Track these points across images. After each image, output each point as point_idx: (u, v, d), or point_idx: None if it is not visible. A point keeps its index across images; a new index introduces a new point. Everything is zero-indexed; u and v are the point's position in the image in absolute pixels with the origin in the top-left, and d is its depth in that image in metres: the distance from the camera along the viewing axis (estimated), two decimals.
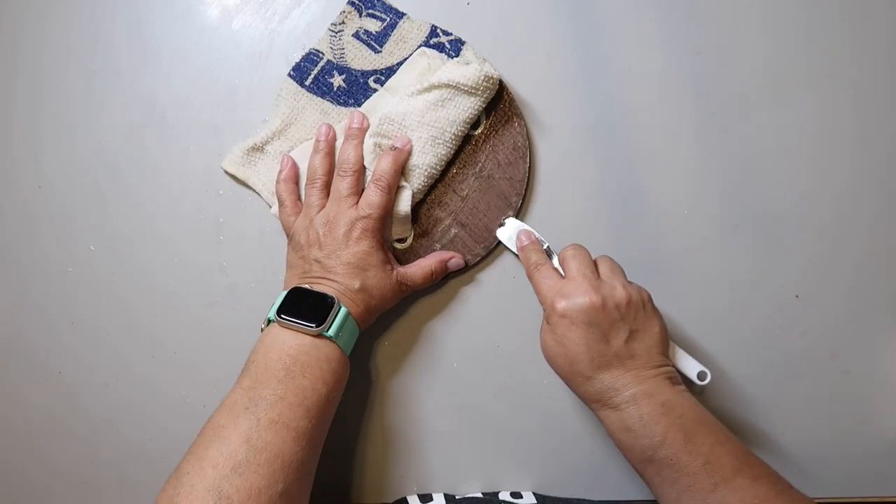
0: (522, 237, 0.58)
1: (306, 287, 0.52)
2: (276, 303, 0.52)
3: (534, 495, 0.57)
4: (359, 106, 0.61)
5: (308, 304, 0.51)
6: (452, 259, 0.59)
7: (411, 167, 0.58)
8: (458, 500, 0.57)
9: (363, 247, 0.54)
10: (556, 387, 0.59)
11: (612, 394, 0.49)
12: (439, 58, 0.60)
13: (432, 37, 0.61)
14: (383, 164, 0.56)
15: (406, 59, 0.61)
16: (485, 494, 0.57)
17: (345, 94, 0.61)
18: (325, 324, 0.50)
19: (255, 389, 0.47)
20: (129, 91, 0.63)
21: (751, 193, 0.61)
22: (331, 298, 0.51)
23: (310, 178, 0.58)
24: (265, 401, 0.46)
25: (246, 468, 0.43)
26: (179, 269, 0.61)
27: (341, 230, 0.54)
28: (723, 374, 0.59)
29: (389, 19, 0.61)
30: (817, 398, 0.59)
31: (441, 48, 0.61)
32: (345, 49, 0.62)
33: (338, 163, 0.57)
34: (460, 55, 0.60)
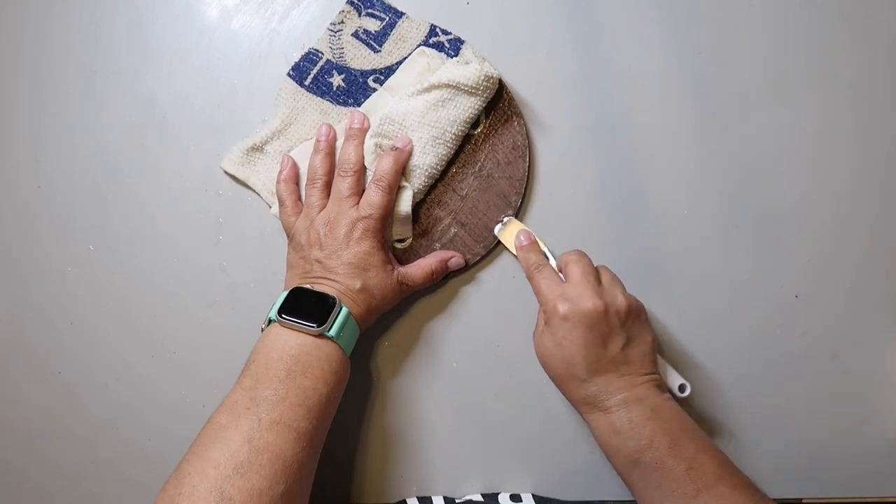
0: (522, 237, 0.58)
1: (307, 287, 0.52)
2: (277, 303, 0.52)
3: (533, 498, 0.57)
4: (358, 105, 0.61)
5: (309, 305, 0.51)
6: (453, 258, 0.59)
7: (412, 167, 0.58)
8: None
9: (364, 247, 0.54)
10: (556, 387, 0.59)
11: (605, 397, 0.51)
12: (439, 57, 0.60)
13: (431, 36, 0.61)
14: (384, 164, 0.56)
15: (405, 58, 0.61)
16: (484, 496, 0.57)
17: (344, 94, 0.61)
18: (327, 324, 0.50)
19: (256, 389, 0.47)
20: (129, 91, 0.63)
21: (751, 193, 0.61)
22: (332, 298, 0.51)
23: (310, 179, 0.57)
24: (267, 401, 0.46)
25: (248, 469, 0.43)
26: (179, 269, 0.61)
27: (342, 230, 0.54)
28: (723, 374, 0.59)
29: (388, 19, 0.61)
30: (817, 398, 0.59)
31: (440, 47, 0.61)
32: (344, 48, 0.61)
33: (338, 163, 0.57)
34: (460, 54, 0.60)
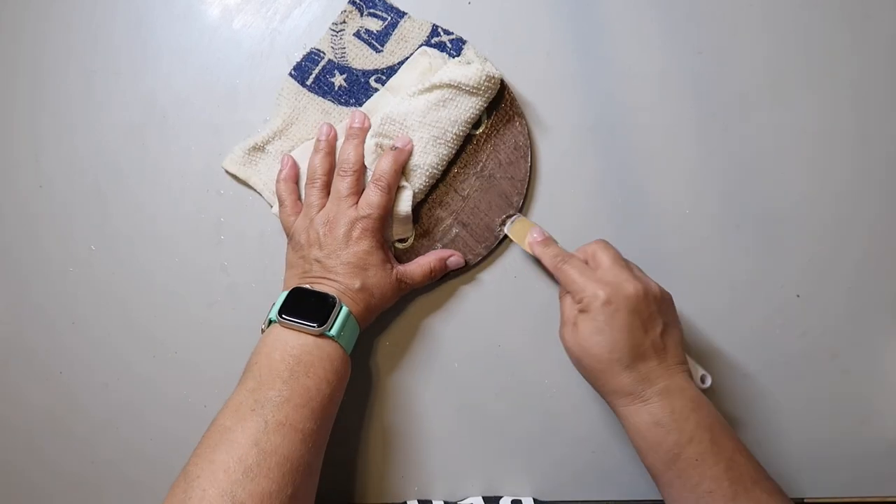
0: (535, 233, 0.57)
1: (307, 287, 0.52)
2: (277, 303, 0.52)
3: (534, 502, 0.57)
4: (360, 105, 0.61)
5: (309, 304, 0.51)
6: (452, 257, 0.59)
7: (413, 167, 0.58)
8: None
9: (363, 246, 0.54)
10: (558, 387, 0.59)
11: (645, 385, 0.48)
12: (440, 57, 0.60)
13: (433, 36, 0.61)
14: (383, 163, 0.56)
15: (407, 58, 0.61)
16: (485, 500, 0.57)
17: (346, 94, 0.61)
18: (327, 323, 0.50)
19: (259, 391, 0.47)
20: (129, 91, 0.63)
21: (751, 193, 0.61)
22: (332, 298, 0.51)
23: (310, 178, 0.57)
24: (271, 402, 0.46)
25: (257, 473, 0.43)
26: (180, 269, 0.61)
27: (341, 230, 0.54)
28: (723, 374, 0.59)
29: (391, 18, 0.61)
30: (817, 398, 0.59)
31: (442, 47, 0.61)
32: (346, 48, 0.61)
33: (338, 162, 0.57)
34: (461, 54, 0.60)
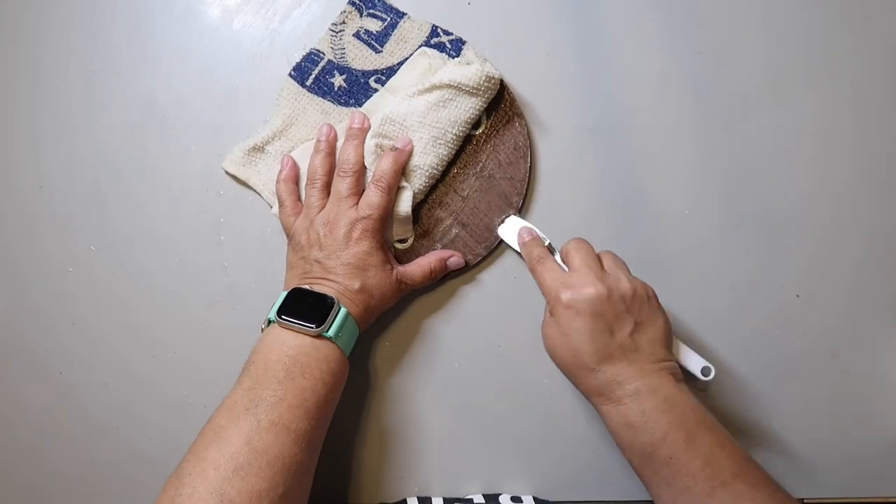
0: (524, 233, 0.58)
1: (306, 288, 0.52)
2: (277, 303, 0.52)
3: (534, 500, 0.57)
4: (360, 106, 0.61)
5: (308, 305, 0.51)
6: (452, 258, 0.59)
7: (413, 168, 0.58)
8: None
9: (363, 247, 0.54)
10: (558, 387, 0.59)
11: (615, 387, 0.49)
12: (440, 57, 0.60)
13: (433, 36, 0.61)
14: (384, 164, 0.56)
15: (407, 58, 0.61)
16: (485, 497, 0.57)
17: (346, 94, 0.61)
18: (325, 324, 0.50)
19: (255, 390, 0.47)
20: (129, 91, 0.63)
21: (751, 193, 0.61)
22: (330, 299, 0.51)
23: (310, 179, 0.57)
24: (265, 402, 0.46)
25: (248, 471, 0.43)
26: (179, 269, 0.61)
27: (341, 231, 0.54)
28: (723, 374, 0.59)
29: (390, 19, 0.61)
30: (817, 398, 0.59)
31: (442, 48, 0.61)
32: (345, 49, 0.61)
33: (338, 163, 0.57)
34: (461, 55, 0.60)
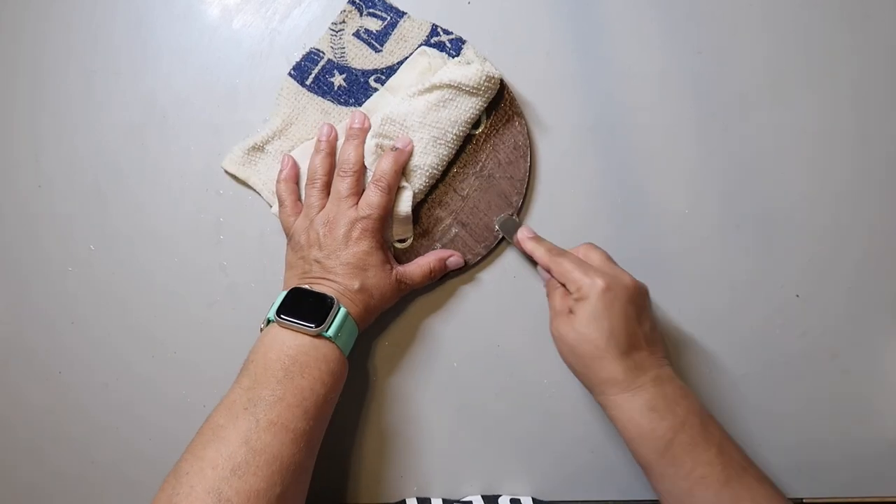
0: (526, 231, 0.58)
1: (306, 287, 0.52)
2: (276, 303, 0.52)
3: (533, 501, 0.57)
4: (359, 105, 0.61)
5: (307, 305, 0.51)
6: (451, 257, 0.59)
7: (413, 168, 0.58)
8: None
9: (363, 247, 0.54)
10: (558, 387, 0.59)
11: (638, 373, 0.49)
12: (440, 57, 0.60)
13: (433, 36, 0.61)
14: (383, 164, 0.56)
15: (407, 58, 0.61)
16: (484, 498, 0.57)
17: (345, 94, 0.61)
18: (325, 324, 0.50)
19: (253, 390, 0.47)
20: (129, 91, 0.63)
21: (751, 193, 0.61)
22: (330, 299, 0.51)
23: (310, 178, 0.57)
24: (264, 401, 0.46)
25: (245, 470, 0.43)
26: (179, 269, 0.61)
27: (341, 230, 0.54)
28: (723, 374, 0.59)
29: (390, 18, 0.61)
30: (817, 398, 0.59)
31: (442, 47, 0.61)
32: (345, 48, 0.61)
33: (338, 163, 0.57)
34: (461, 54, 0.60)
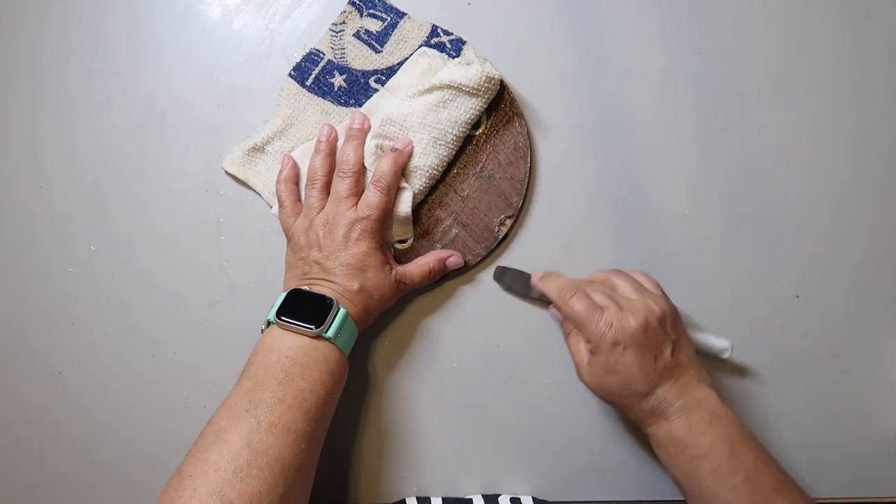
0: (534, 276, 0.58)
1: (305, 289, 0.52)
2: (276, 304, 0.52)
3: (533, 500, 0.57)
4: (359, 106, 0.61)
5: (307, 306, 0.51)
6: (451, 257, 0.59)
7: (413, 169, 0.58)
8: None
9: (362, 248, 0.54)
10: (557, 387, 0.59)
11: (665, 405, 0.50)
12: (440, 58, 0.60)
13: (433, 36, 0.61)
14: (383, 165, 0.56)
15: (407, 58, 0.61)
16: (484, 497, 0.57)
17: (346, 95, 0.61)
18: (324, 325, 0.50)
19: (254, 392, 0.47)
20: (129, 91, 0.63)
21: (751, 193, 0.61)
22: (329, 300, 0.51)
23: (310, 179, 0.57)
24: (265, 403, 0.46)
25: (247, 473, 0.43)
26: (179, 269, 0.61)
27: (340, 231, 0.54)
28: (722, 375, 0.59)
29: (390, 19, 0.61)
30: (817, 398, 0.59)
31: (442, 48, 0.61)
32: (345, 49, 0.61)
33: (338, 164, 0.57)
34: (461, 55, 0.60)
